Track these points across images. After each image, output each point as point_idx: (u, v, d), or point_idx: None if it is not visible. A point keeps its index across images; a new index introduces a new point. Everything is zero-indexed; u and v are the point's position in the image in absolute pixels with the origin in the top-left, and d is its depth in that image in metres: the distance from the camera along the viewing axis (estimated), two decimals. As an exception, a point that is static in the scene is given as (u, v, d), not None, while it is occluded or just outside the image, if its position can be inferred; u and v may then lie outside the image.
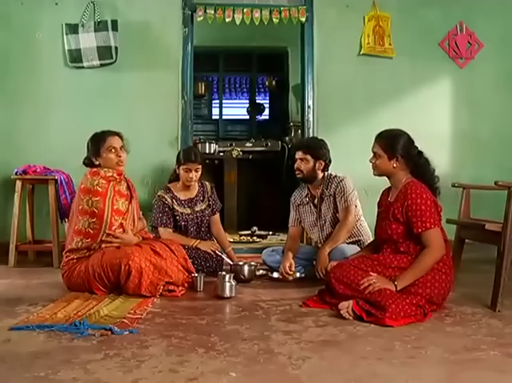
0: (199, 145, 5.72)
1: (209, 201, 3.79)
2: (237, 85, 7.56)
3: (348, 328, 2.37)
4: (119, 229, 3.12)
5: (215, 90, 7.42)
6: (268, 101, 7.41)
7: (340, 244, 3.35)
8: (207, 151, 5.77)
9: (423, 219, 2.62)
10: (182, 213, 3.67)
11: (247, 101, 7.40)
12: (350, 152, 4.42)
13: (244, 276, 3.39)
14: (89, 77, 4.41)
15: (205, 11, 4.37)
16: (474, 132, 4.67)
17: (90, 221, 3.05)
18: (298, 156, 3.53)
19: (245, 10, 4.39)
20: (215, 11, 4.37)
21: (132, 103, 4.45)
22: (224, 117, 7.34)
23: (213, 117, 7.34)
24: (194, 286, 3.14)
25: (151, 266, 2.95)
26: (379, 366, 1.92)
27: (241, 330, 2.34)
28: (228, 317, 2.64)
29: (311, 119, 4.58)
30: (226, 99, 7.46)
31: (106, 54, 4.34)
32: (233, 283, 2.97)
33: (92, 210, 3.05)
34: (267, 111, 7.35)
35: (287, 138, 6.25)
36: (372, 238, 3.53)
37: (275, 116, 7.25)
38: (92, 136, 3.29)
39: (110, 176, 3.15)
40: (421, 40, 4.62)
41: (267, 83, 7.26)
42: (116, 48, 4.35)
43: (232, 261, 3.59)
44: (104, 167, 3.18)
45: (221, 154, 5.91)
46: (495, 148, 4.68)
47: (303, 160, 3.51)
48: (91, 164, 3.23)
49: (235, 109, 7.46)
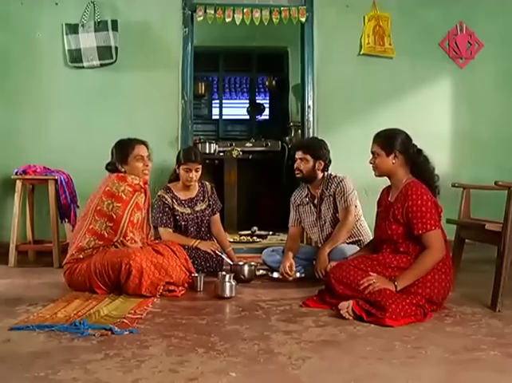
0: (199, 145, 5.72)
1: (209, 201, 3.79)
2: (237, 85, 7.56)
3: (348, 328, 2.37)
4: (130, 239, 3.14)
5: (215, 90, 7.42)
6: (268, 101, 7.41)
7: (340, 244, 3.35)
8: (207, 151, 5.77)
9: (424, 221, 2.62)
10: (182, 213, 3.67)
11: (247, 101, 7.40)
12: (350, 152, 4.42)
13: (244, 276, 3.39)
14: (89, 77, 4.41)
15: (205, 11, 4.37)
16: (474, 132, 4.67)
17: (107, 224, 3.06)
18: (298, 156, 3.53)
19: (245, 10, 4.39)
20: (215, 11, 4.37)
21: (132, 103, 4.45)
22: (224, 117, 7.34)
23: (213, 117, 7.34)
24: (194, 286, 3.14)
25: (151, 266, 2.96)
26: (379, 366, 1.92)
27: (241, 330, 2.34)
28: (228, 317, 2.64)
29: (311, 119, 4.58)
30: (226, 99, 7.45)
31: (106, 54, 4.35)
32: (233, 283, 2.97)
33: (110, 214, 3.06)
34: (267, 111, 7.34)
35: (287, 138, 6.25)
36: (372, 238, 3.53)
37: (275, 116, 7.25)
38: (118, 143, 3.30)
39: (136, 185, 3.16)
40: (421, 40, 4.62)
41: (267, 83, 7.26)
42: (116, 48, 4.35)
43: (232, 261, 3.59)
44: (130, 174, 3.19)
45: (221, 154, 5.91)
46: (495, 148, 4.68)
47: (303, 160, 3.51)
48: (115, 170, 3.22)
49: (235, 109, 7.46)
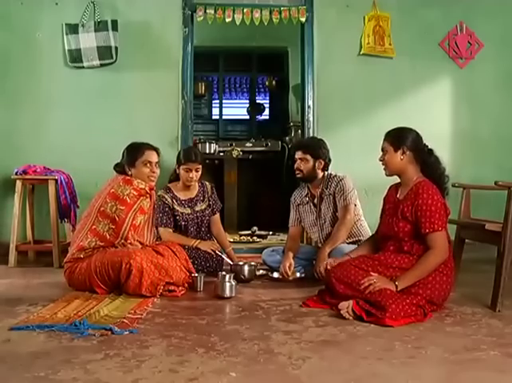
0: (199, 145, 5.72)
1: (209, 201, 3.79)
2: (237, 85, 7.56)
3: (348, 328, 2.37)
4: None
5: (215, 90, 7.42)
6: (268, 101, 7.41)
7: (340, 244, 3.35)
8: (207, 151, 5.77)
9: (432, 221, 2.62)
10: (182, 213, 3.67)
11: (247, 101, 7.40)
12: (350, 152, 4.43)
13: (244, 276, 3.39)
14: (89, 77, 4.41)
15: (205, 11, 4.37)
16: (474, 132, 4.67)
17: (110, 226, 3.07)
18: (298, 156, 3.53)
19: (245, 10, 4.39)
20: (215, 11, 4.37)
21: (132, 103, 4.45)
22: (224, 117, 7.34)
23: (213, 117, 7.34)
24: (194, 286, 3.14)
25: (152, 266, 2.96)
26: (379, 366, 1.92)
27: (241, 330, 2.34)
28: (228, 317, 2.64)
29: (311, 119, 4.58)
30: (226, 99, 7.45)
31: (106, 54, 4.34)
32: (233, 283, 2.97)
33: (113, 216, 3.06)
34: (267, 111, 7.34)
35: (287, 138, 6.25)
36: (372, 234, 3.53)
37: (275, 116, 7.25)
38: (130, 146, 3.30)
39: (142, 189, 3.16)
40: (421, 40, 4.62)
41: (267, 83, 7.26)
42: (116, 48, 4.35)
43: (232, 261, 3.59)
44: (135, 178, 3.19)
45: (221, 154, 5.91)
46: (495, 148, 4.68)
47: (303, 160, 3.51)
48: (122, 172, 3.23)
49: (235, 109, 7.46)
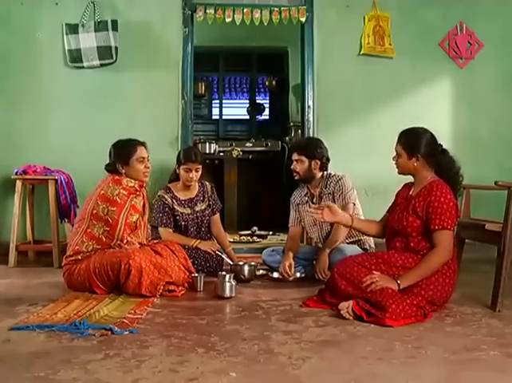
0: (199, 145, 5.72)
1: (209, 201, 3.79)
2: (237, 85, 7.56)
3: (348, 328, 2.37)
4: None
5: (215, 90, 7.42)
6: (268, 101, 7.41)
7: (339, 243, 3.35)
8: (207, 151, 5.77)
9: (442, 218, 2.61)
10: (182, 213, 3.67)
11: (247, 101, 7.40)
12: (350, 152, 4.43)
13: (244, 276, 3.39)
14: (89, 77, 4.41)
15: (205, 11, 4.37)
16: (474, 132, 4.67)
17: (105, 229, 3.06)
18: (294, 158, 3.53)
19: (245, 10, 4.39)
20: (215, 11, 4.37)
21: (132, 103, 4.45)
22: (224, 117, 7.34)
23: (213, 117, 7.34)
24: (194, 286, 3.14)
25: (151, 265, 2.96)
26: (379, 366, 1.92)
27: (241, 330, 2.34)
28: (228, 317, 2.64)
29: (311, 119, 4.58)
30: (226, 99, 7.45)
31: (106, 54, 4.34)
32: (233, 283, 2.97)
33: (106, 218, 3.05)
34: (267, 111, 7.34)
35: (287, 138, 6.25)
36: (372, 238, 3.53)
37: (275, 116, 7.25)
38: (118, 144, 3.26)
39: (131, 187, 3.15)
40: (421, 40, 4.62)
41: (267, 83, 7.26)
42: (116, 48, 4.35)
43: (232, 261, 3.59)
44: (129, 176, 3.18)
45: (221, 154, 5.91)
46: (495, 148, 4.68)
47: (298, 161, 3.51)
48: (114, 171, 3.20)
49: (235, 109, 7.46)
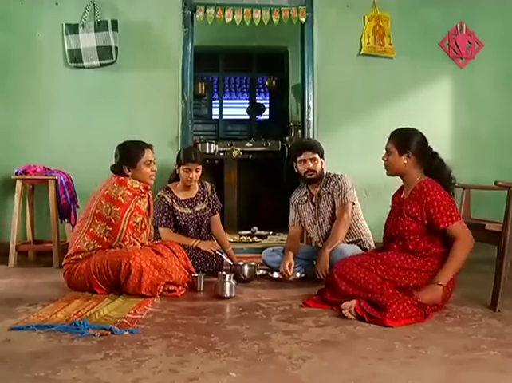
0: (199, 145, 5.72)
1: (209, 201, 3.79)
2: (237, 85, 7.56)
3: (348, 328, 2.37)
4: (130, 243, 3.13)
5: (215, 90, 7.42)
6: (268, 101, 7.41)
7: (339, 243, 3.35)
8: (207, 151, 5.77)
9: (448, 214, 2.61)
10: (182, 213, 3.67)
11: (247, 101, 7.40)
12: (350, 152, 4.43)
13: (244, 276, 3.39)
14: (89, 77, 4.41)
15: (205, 11, 4.37)
16: (474, 132, 4.67)
17: (107, 228, 3.06)
18: (308, 157, 3.48)
19: (245, 10, 4.39)
20: (215, 11, 4.37)
21: (132, 103, 4.45)
22: (224, 117, 7.34)
23: (213, 117, 7.34)
24: (194, 286, 3.14)
25: (151, 265, 2.96)
26: (379, 366, 1.92)
27: (241, 330, 2.34)
28: (228, 317, 2.64)
29: (311, 119, 4.58)
30: (226, 99, 7.45)
31: (106, 54, 4.34)
32: (233, 283, 2.97)
33: (109, 218, 3.05)
34: (267, 111, 7.34)
35: (287, 138, 6.24)
36: (372, 238, 3.53)
37: (275, 116, 7.25)
38: (124, 145, 3.25)
39: (136, 189, 3.14)
40: (421, 40, 4.62)
41: (267, 83, 7.26)
42: (116, 48, 4.35)
43: (232, 261, 3.59)
44: (135, 178, 3.17)
45: (221, 154, 5.91)
46: (495, 148, 4.67)
47: (313, 160, 3.50)
48: (120, 172, 3.19)
49: (235, 109, 7.46)
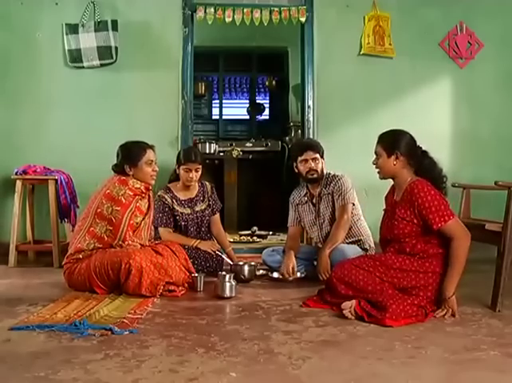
0: (199, 145, 5.72)
1: (209, 201, 3.79)
2: (237, 85, 7.56)
3: (348, 328, 2.37)
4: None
5: (215, 90, 7.42)
6: (268, 101, 7.41)
7: (339, 244, 3.35)
8: (207, 151, 5.77)
9: (440, 214, 2.59)
10: (182, 213, 3.67)
11: (247, 101, 7.40)
12: (350, 152, 4.43)
13: (244, 276, 3.39)
14: (89, 77, 4.41)
15: (205, 11, 4.37)
16: (474, 132, 4.67)
17: (108, 227, 3.06)
18: (309, 157, 3.49)
19: (245, 10, 4.38)
20: (215, 11, 4.37)
21: (132, 103, 4.45)
22: (224, 117, 7.34)
23: (213, 117, 7.33)
24: (194, 286, 3.14)
25: (151, 265, 2.96)
26: (379, 366, 1.92)
27: (241, 330, 2.34)
28: (228, 317, 2.64)
29: (311, 119, 4.58)
30: (226, 99, 7.45)
31: (106, 54, 4.34)
32: (233, 283, 2.97)
33: (110, 217, 3.05)
34: (267, 111, 7.34)
35: (287, 138, 6.24)
36: (372, 238, 3.53)
37: (275, 116, 7.24)
38: (126, 145, 3.26)
39: (137, 189, 3.15)
40: (421, 40, 4.61)
41: (267, 83, 7.25)
42: (116, 48, 4.34)
43: (232, 261, 3.59)
44: (137, 178, 3.18)
45: (221, 154, 5.91)
46: (495, 148, 4.67)
47: (315, 160, 3.50)
48: (121, 172, 3.20)
49: (235, 109, 7.46)
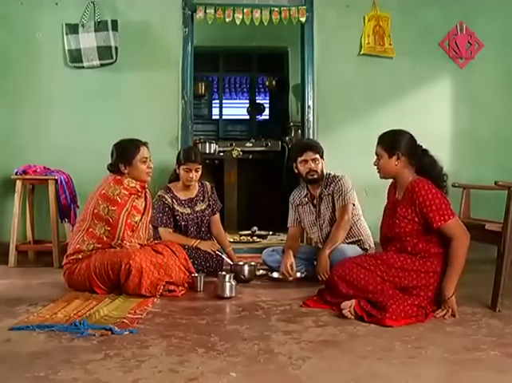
0: (199, 145, 5.71)
1: (209, 201, 3.79)
2: (237, 85, 7.56)
3: (348, 328, 2.37)
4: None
5: (215, 90, 7.41)
6: (268, 101, 7.41)
7: (339, 244, 3.35)
8: (207, 151, 5.76)
9: (441, 213, 2.59)
10: (182, 213, 3.67)
11: (247, 101, 7.40)
12: (350, 152, 4.43)
13: (244, 276, 3.39)
14: (89, 77, 4.41)
15: (205, 11, 4.37)
16: (474, 132, 4.67)
17: (106, 228, 3.06)
18: (309, 157, 3.48)
19: (245, 10, 4.38)
20: (215, 11, 4.37)
21: (132, 103, 4.45)
22: (224, 117, 7.34)
23: (213, 117, 7.33)
24: (194, 286, 3.14)
25: (151, 266, 2.96)
26: (379, 366, 1.92)
27: (241, 330, 2.34)
28: (228, 317, 2.64)
29: (311, 119, 4.58)
30: (226, 99, 7.45)
31: (106, 54, 4.34)
32: (233, 283, 2.97)
33: (107, 218, 3.05)
34: (267, 111, 7.34)
35: (287, 138, 6.24)
36: (372, 238, 3.53)
37: (275, 116, 7.24)
38: (120, 144, 3.26)
39: (132, 188, 3.15)
40: (421, 40, 4.61)
41: (267, 83, 7.25)
42: (116, 48, 4.34)
43: (232, 261, 3.59)
44: (132, 176, 3.18)
45: (221, 154, 5.91)
46: (495, 148, 4.67)
47: (315, 160, 3.49)
48: (116, 171, 3.20)
49: (235, 109, 7.46)
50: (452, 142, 4.67)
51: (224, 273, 3.07)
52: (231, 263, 3.53)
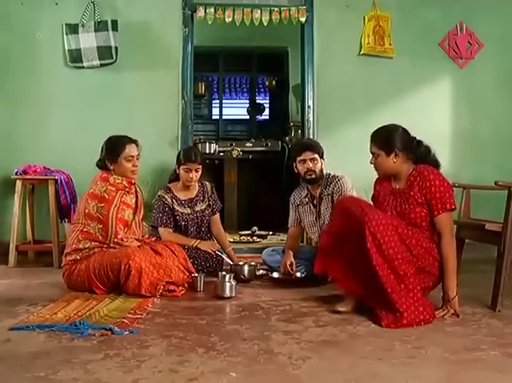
0: (199, 145, 5.72)
1: (209, 201, 3.79)
2: (237, 85, 7.56)
3: (348, 328, 2.37)
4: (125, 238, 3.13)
5: (215, 90, 7.41)
6: (268, 101, 7.41)
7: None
8: (207, 151, 5.77)
9: (443, 201, 2.58)
10: (182, 213, 3.67)
11: (247, 101, 7.40)
12: (350, 152, 4.42)
13: (244, 276, 3.39)
14: (89, 77, 4.41)
15: (205, 11, 4.37)
16: (474, 132, 4.67)
17: (99, 227, 3.07)
18: (307, 157, 3.47)
19: (245, 11, 4.38)
20: (215, 11, 4.37)
21: (132, 103, 4.45)
22: (224, 117, 7.34)
23: (213, 117, 7.33)
24: (194, 286, 3.14)
25: (150, 266, 2.96)
26: (379, 366, 1.92)
27: (241, 330, 2.34)
28: (228, 317, 2.64)
29: (311, 119, 4.58)
30: (226, 99, 7.45)
31: (106, 54, 4.34)
32: (233, 283, 2.97)
33: (97, 215, 3.06)
34: (267, 111, 7.34)
35: (287, 138, 6.24)
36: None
37: (275, 116, 7.24)
38: (109, 140, 3.28)
39: (119, 184, 3.16)
40: (421, 40, 4.62)
41: (267, 83, 7.25)
42: (116, 48, 4.35)
43: (232, 261, 3.59)
44: (117, 173, 3.19)
45: (221, 154, 5.91)
46: (495, 148, 4.68)
47: (313, 160, 3.49)
48: (104, 167, 3.22)
49: (235, 109, 7.45)
50: (452, 142, 4.68)
51: (224, 273, 3.07)
52: (231, 263, 3.53)
